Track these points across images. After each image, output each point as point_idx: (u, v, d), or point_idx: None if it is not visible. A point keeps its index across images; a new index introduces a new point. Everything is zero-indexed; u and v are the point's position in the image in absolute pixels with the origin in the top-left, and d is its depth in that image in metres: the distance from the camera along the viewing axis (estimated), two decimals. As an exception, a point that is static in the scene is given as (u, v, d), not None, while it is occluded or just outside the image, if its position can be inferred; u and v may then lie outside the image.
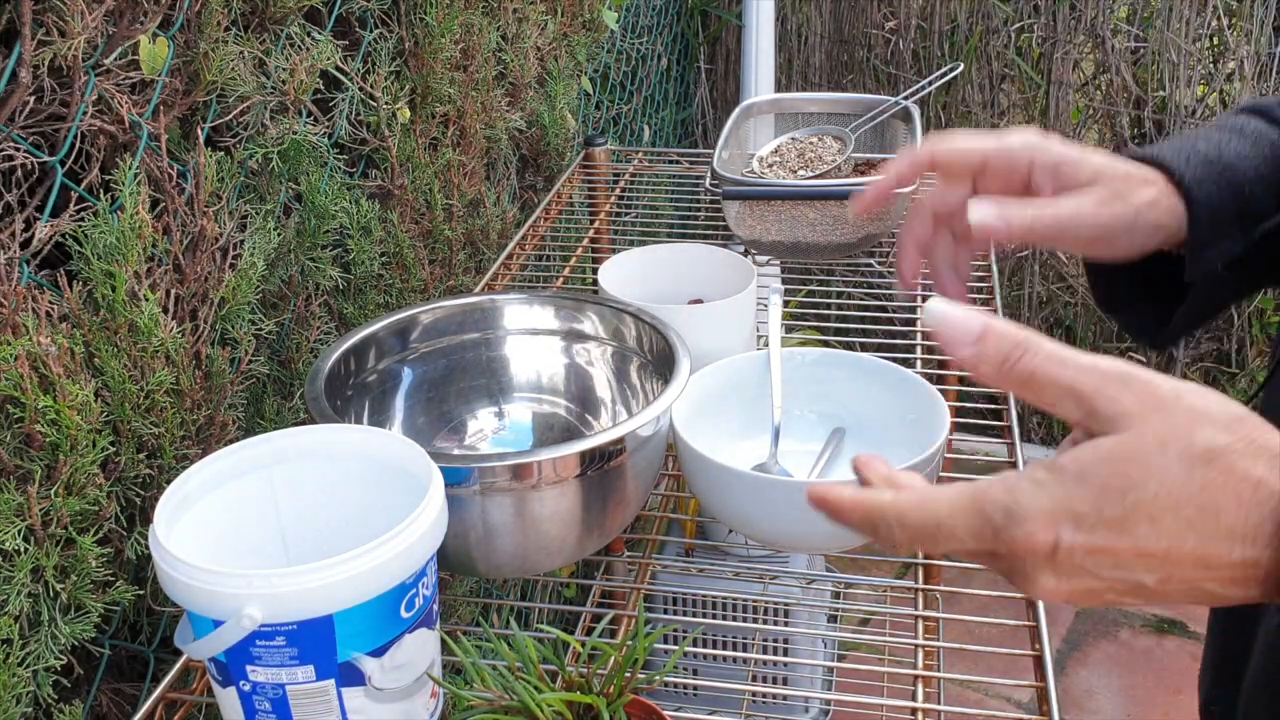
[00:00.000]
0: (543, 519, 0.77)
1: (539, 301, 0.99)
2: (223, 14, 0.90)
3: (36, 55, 0.74)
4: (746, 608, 1.82)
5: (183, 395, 0.85)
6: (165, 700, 0.76)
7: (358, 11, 1.14)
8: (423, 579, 0.66)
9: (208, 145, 0.89)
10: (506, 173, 1.56)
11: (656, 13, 2.44)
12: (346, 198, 1.10)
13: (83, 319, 0.78)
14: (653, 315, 0.93)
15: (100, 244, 0.78)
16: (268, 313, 1.00)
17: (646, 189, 1.66)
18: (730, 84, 2.86)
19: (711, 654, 1.84)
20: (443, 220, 1.30)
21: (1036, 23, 2.56)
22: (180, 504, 0.67)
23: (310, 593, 0.60)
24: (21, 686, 0.72)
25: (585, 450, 0.76)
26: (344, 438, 0.74)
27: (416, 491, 0.67)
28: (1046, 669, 0.76)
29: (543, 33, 1.56)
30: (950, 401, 0.91)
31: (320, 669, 0.62)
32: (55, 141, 0.79)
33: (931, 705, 0.77)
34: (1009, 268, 2.73)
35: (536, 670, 0.64)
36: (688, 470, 0.85)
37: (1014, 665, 0.82)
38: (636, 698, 0.65)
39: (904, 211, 1.35)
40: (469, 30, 1.31)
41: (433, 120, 1.27)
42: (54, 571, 0.74)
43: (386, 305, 1.21)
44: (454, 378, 0.98)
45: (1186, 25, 2.43)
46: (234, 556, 0.71)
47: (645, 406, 0.80)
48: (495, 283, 1.29)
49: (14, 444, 0.73)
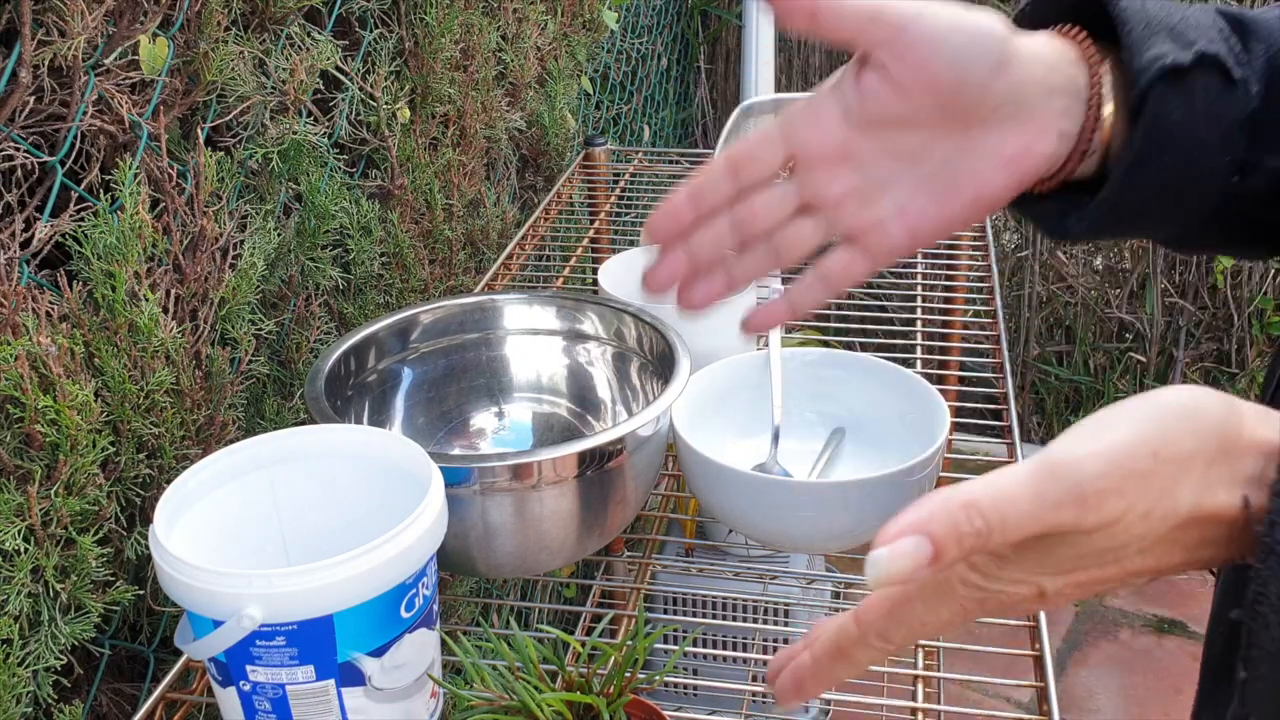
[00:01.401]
0: (542, 519, 0.77)
1: (539, 301, 0.99)
2: (223, 14, 0.90)
3: (36, 55, 0.74)
4: (746, 608, 1.82)
5: (183, 395, 0.85)
6: (165, 700, 0.76)
7: (358, 11, 1.14)
8: (423, 579, 0.66)
9: (208, 145, 0.89)
10: (506, 173, 1.56)
11: (656, 13, 2.44)
12: (346, 198, 1.10)
13: (83, 319, 0.78)
14: (653, 315, 0.93)
15: (100, 244, 0.78)
16: (268, 313, 1.00)
17: (646, 189, 1.66)
18: (730, 84, 2.86)
19: (711, 654, 1.84)
20: (443, 220, 1.30)
21: (1036, 23, 2.55)
22: (180, 504, 0.67)
23: (310, 593, 0.60)
24: (21, 686, 0.72)
25: (585, 450, 0.76)
26: (344, 438, 0.74)
27: (416, 491, 0.67)
28: (1046, 669, 0.76)
29: (543, 33, 1.56)
30: (950, 401, 0.91)
31: (320, 669, 0.62)
32: (55, 141, 0.79)
33: (931, 705, 0.77)
34: (1009, 268, 2.73)
35: (536, 670, 0.64)
36: (688, 470, 0.85)
37: (1014, 665, 0.82)
38: (636, 698, 0.65)
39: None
40: (469, 30, 1.31)
41: (433, 120, 1.27)
42: (54, 571, 0.74)
43: (386, 305, 1.21)
44: (454, 378, 0.98)
45: (1186, 25, 2.43)
46: (234, 556, 0.71)
47: (645, 407, 0.80)
48: (495, 283, 1.29)
49: (14, 444, 0.73)
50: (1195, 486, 0.38)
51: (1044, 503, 0.37)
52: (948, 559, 0.37)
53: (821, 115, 0.53)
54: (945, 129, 0.52)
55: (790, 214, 0.54)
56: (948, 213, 0.53)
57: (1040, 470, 0.38)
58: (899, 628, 0.42)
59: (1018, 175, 0.52)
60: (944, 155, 0.52)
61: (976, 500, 0.37)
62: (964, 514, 0.37)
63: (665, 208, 0.54)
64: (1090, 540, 0.38)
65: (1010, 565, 0.40)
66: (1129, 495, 0.37)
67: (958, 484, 0.38)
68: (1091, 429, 0.38)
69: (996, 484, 0.38)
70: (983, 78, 0.50)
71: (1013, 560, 0.40)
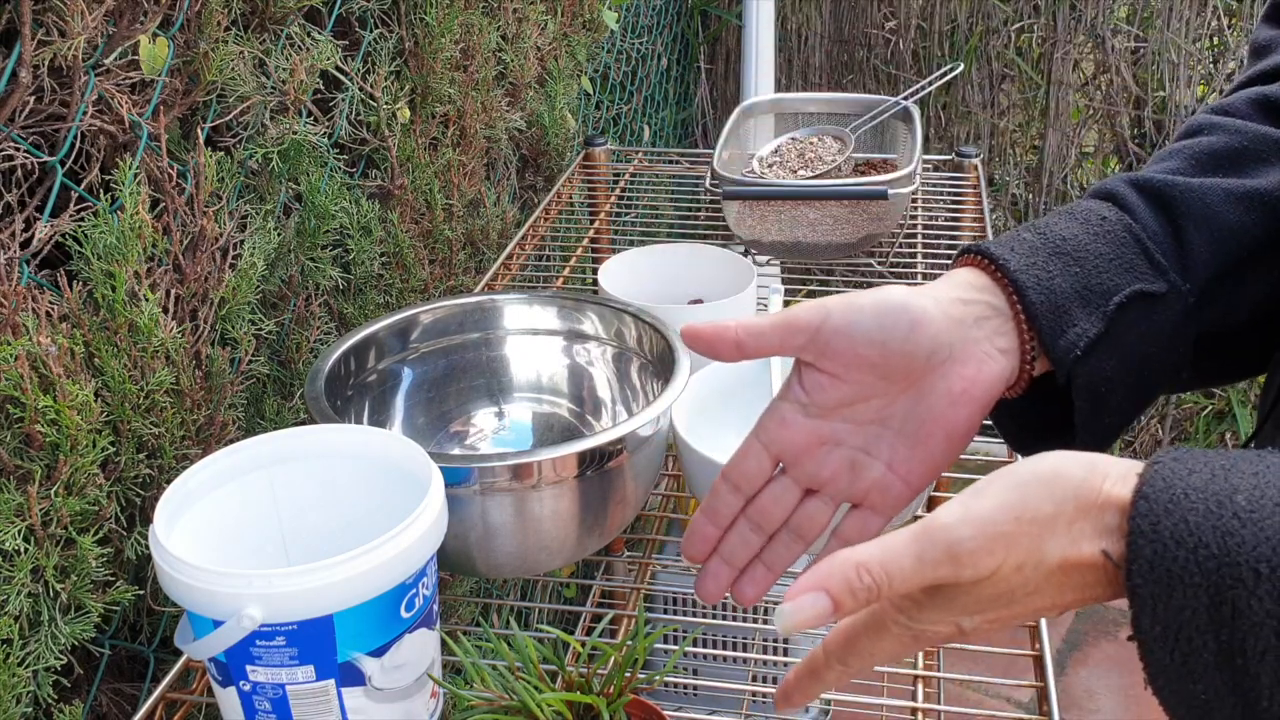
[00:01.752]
0: (542, 519, 0.77)
1: (539, 301, 0.99)
2: (223, 14, 0.90)
3: (36, 55, 0.74)
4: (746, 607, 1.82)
5: (183, 395, 0.85)
6: (165, 700, 0.76)
7: (358, 11, 1.14)
8: (423, 579, 0.66)
9: (208, 145, 0.89)
10: (506, 173, 1.56)
11: (656, 13, 2.44)
12: (346, 198, 1.10)
13: (83, 319, 0.78)
14: (653, 315, 0.93)
15: (100, 244, 0.78)
16: (268, 313, 1.00)
17: (646, 189, 1.66)
18: (730, 84, 2.86)
19: (711, 654, 1.84)
20: (443, 220, 1.30)
21: (1036, 23, 2.56)
22: (180, 504, 0.67)
23: (310, 593, 0.60)
24: (21, 686, 0.72)
25: (585, 450, 0.76)
26: (344, 438, 0.74)
27: (416, 491, 0.67)
28: (1046, 669, 0.76)
29: (543, 33, 1.56)
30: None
31: (320, 669, 0.62)
32: (55, 141, 0.79)
33: (931, 705, 0.77)
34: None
35: (536, 670, 0.64)
36: (688, 470, 0.85)
37: (1014, 665, 0.82)
38: (636, 698, 0.65)
39: (904, 210, 1.35)
40: (469, 30, 1.31)
41: (433, 120, 1.27)
42: (54, 571, 0.74)
43: (386, 305, 1.21)
44: (454, 378, 0.98)
45: (1186, 25, 2.43)
46: (234, 556, 0.71)
47: (645, 407, 0.80)
48: (495, 283, 1.29)
49: (14, 444, 0.73)
50: (1061, 541, 0.44)
51: (924, 563, 0.44)
52: (845, 610, 0.45)
53: (785, 418, 0.58)
54: (894, 390, 0.57)
55: (797, 501, 0.60)
56: (928, 455, 0.58)
57: (921, 535, 0.45)
58: (854, 656, 0.50)
59: (975, 404, 0.57)
60: (904, 411, 0.57)
61: (867, 561, 0.45)
62: (855, 573, 0.45)
63: (692, 533, 0.60)
64: (978, 589, 0.45)
65: (926, 609, 0.47)
66: (998, 553, 0.44)
67: (855, 547, 0.45)
68: (966, 498, 0.45)
69: (885, 545, 0.45)
70: (901, 341, 0.55)
71: (927, 605, 0.47)
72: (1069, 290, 0.56)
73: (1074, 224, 0.59)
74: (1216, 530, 0.41)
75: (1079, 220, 0.59)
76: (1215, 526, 0.41)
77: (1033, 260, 0.57)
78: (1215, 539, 0.41)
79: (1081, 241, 0.58)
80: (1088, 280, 0.57)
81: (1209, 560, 0.40)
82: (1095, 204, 0.60)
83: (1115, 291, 0.56)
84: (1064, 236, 0.58)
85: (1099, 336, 0.56)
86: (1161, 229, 0.59)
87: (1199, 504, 0.42)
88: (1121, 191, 0.60)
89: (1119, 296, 0.56)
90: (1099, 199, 0.61)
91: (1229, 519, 0.41)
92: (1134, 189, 0.60)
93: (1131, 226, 0.58)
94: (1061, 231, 0.58)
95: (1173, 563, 0.41)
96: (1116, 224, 0.58)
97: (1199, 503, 0.42)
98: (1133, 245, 0.58)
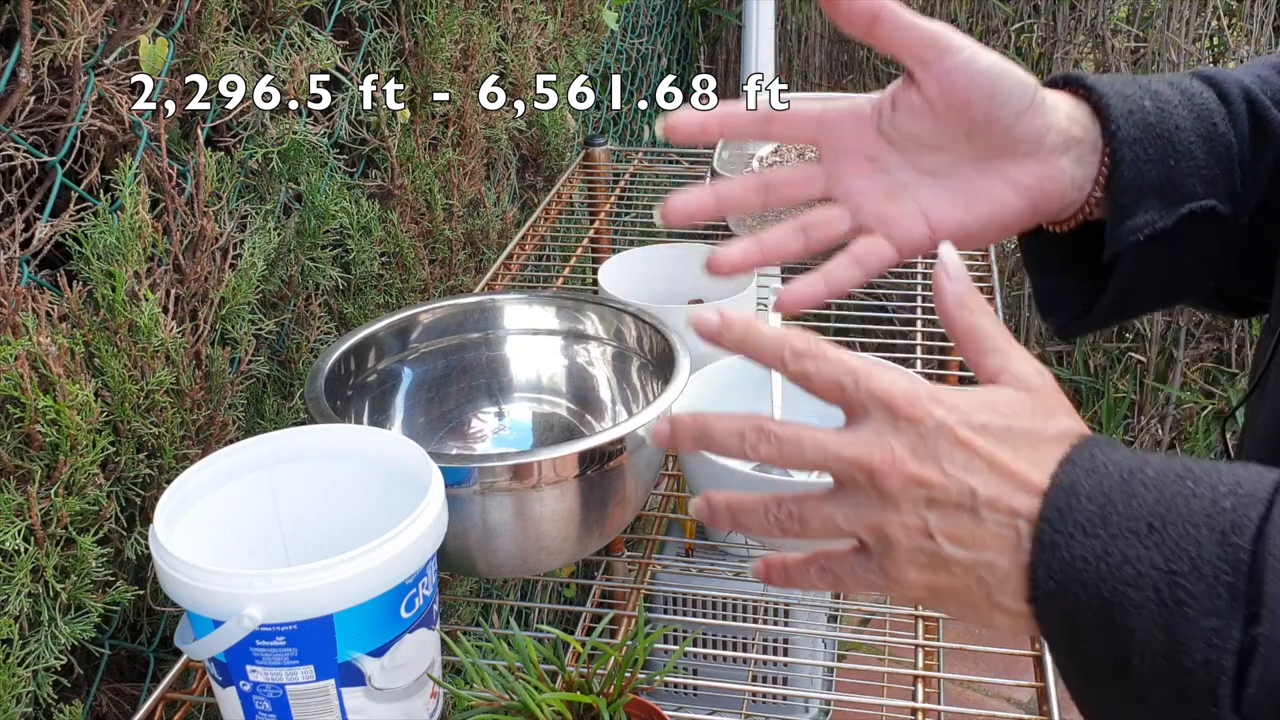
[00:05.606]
0: (542, 519, 0.77)
1: (539, 301, 0.99)
2: (223, 14, 0.90)
3: (36, 55, 0.74)
4: (746, 608, 1.82)
5: (183, 395, 0.85)
6: (165, 700, 0.76)
7: (358, 11, 1.14)
8: (423, 579, 0.66)
9: (208, 145, 0.89)
10: (506, 173, 1.56)
11: (656, 13, 2.44)
12: (346, 198, 1.10)
13: (83, 319, 0.78)
14: (653, 315, 0.93)
15: (100, 244, 0.78)
16: (268, 313, 1.00)
17: (646, 189, 1.66)
18: (730, 84, 2.86)
19: (711, 654, 1.84)
20: (443, 220, 1.30)
21: (1036, 23, 2.56)
22: (180, 504, 0.67)
23: (310, 593, 0.60)
24: (21, 686, 0.72)
25: (585, 450, 0.76)
26: (344, 438, 0.74)
27: (416, 491, 0.67)
28: (1046, 669, 0.76)
29: (543, 33, 1.56)
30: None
31: (320, 669, 0.62)
32: (55, 141, 0.79)
33: (931, 705, 0.77)
34: (1009, 268, 2.73)
35: (536, 670, 0.64)
36: (688, 470, 0.85)
37: (1014, 665, 0.82)
38: (636, 698, 0.65)
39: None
40: (469, 30, 1.31)
41: (433, 120, 1.27)
42: (54, 571, 0.74)
43: (386, 305, 1.21)
44: (454, 378, 0.98)
45: (1186, 25, 2.43)
46: (234, 556, 0.71)
47: (645, 407, 0.80)
48: (495, 283, 1.29)
49: (14, 444, 0.73)
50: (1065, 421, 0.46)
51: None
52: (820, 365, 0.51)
53: (860, 116, 0.57)
54: (968, 157, 0.56)
55: (817, 193, 0.58)
56: (967, 221, 0.57)
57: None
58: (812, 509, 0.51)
59: (1032, 203, 0.56)
60: (965, 175, 0.57)
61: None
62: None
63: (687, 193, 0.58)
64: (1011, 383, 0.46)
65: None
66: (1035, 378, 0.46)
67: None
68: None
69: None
70: (1012, 116, 0.55)
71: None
72: (1156, 179, 0.57)
73: (1190, 115, 0.59)
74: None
75: (1195, 113, 0.59)
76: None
77: (1142, 136, 0.57)
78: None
79: (1188, 141, 0.58)
80: (1176, 176, 0.57)
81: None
82: (1214, 101, 0.60)
83: (1193, 198, 0.57)
84: (1179, 125, 0.58)
85: (1163, 231, 0.57)
86: (1252, 159, 0.59)
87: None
88: (1238, 105, 0.60)
89: (1194, 204, 0.57)
90: (1218, 96, 0.60)
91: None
92: (1249, 107, 0.60)
93: (1232, 148, 0.59)
94: (1177, 120, 0.58)
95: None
96: (1223, 138, 0.59)
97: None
98: (1227, 165, 0.58)
